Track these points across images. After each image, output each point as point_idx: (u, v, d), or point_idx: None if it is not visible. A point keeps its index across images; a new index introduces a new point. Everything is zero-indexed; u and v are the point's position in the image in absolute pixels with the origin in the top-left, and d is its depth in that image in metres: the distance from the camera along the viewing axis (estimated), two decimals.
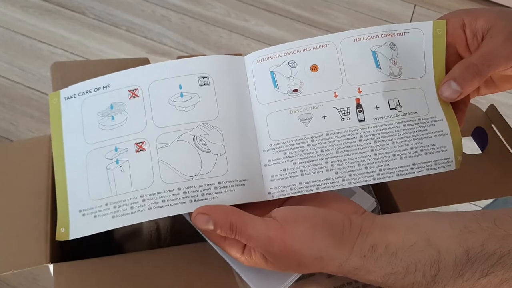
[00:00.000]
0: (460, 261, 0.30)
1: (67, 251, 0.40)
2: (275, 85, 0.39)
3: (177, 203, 0.35)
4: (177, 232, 0.46)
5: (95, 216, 0.35)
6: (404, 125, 0.37)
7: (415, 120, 0.38)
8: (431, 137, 0.37)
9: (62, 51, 1.23)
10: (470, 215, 0.32)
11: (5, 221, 0.39)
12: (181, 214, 0.38)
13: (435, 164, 0.37)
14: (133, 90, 0.38)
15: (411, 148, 0.37)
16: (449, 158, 0.37)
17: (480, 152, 0.50)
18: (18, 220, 0.39)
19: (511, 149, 0.49)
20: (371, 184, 0.48)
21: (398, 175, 0.37)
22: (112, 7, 1.35)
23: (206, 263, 0.37)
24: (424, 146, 0.37)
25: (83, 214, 0.36)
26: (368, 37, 0.39)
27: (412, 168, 0.37)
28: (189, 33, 1.33)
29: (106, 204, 0.35)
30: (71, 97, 0.39)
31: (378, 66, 0.39)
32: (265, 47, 0.40)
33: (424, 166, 0.37)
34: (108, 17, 1.32)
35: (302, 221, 0.33)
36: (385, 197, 0.46)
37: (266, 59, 0.39)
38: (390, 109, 0.38)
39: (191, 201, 0.35)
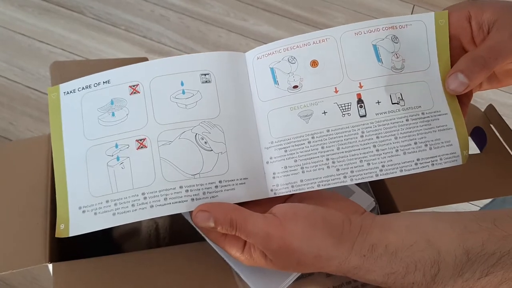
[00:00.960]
0: (460, 261, 0.30)
1: (66, 251, 0.40)
2: (275, 82, 0.39)
3: (179, 202, 0.35)
4: (176, 232, 0.46)
5: (95, 213, 0.35)
6: (407, 120, 0.37)
7: (418, 115, 0.37)
8: (435, 131, 0.37)
9: (61, 51, 1.23)
10: (470, 216, 0.32)
11: (4, 220, 0.39)
12: (181, 214, 0.38)
13: (440, 159, 0.37)
14: (133, 86, 0.37)
15: (415, 143, 0.36)
16: (455, 152, 0.37)
17: (478, 152, 0.50)
18: (17, 219, 0.39)
19: (510, 149, 0.49)
20: (370, 184, 0.48)
21: (402, 170, 0.36)
22: (111, 6, 1.35)
23: (205, 262, 0.37)
24: (428, 141, 0.37)
25: (83, 211, 0.35)
26: (369, 31, 0.39)
27: (416, 164, 0.36)
28: (188, 32, 1.33)
29: (107, 201, 0.35)
30: (70, 92, 0.38)
31: (379, 60, 0.38)
32: None
33: (428, 162, 0.36)
34: (107, 16, 1.32)
35: (301, 219, 0.33)
36: (384, 197, 0.46)
37: (266, 55, 0.39)
38: (392, 103, 0.37)
39: (192, 199, 0.35)
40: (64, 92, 0.39)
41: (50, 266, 0.36)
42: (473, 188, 0.46)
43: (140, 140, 0.36)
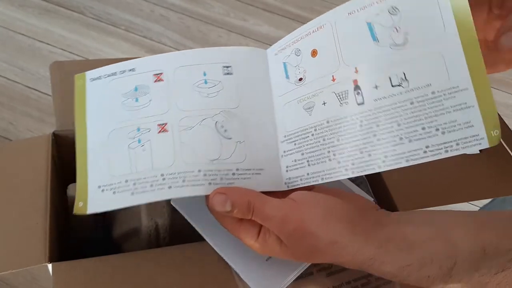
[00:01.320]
0: (477, 256, 0.30)
1: (66, 251, 0.40)
2: (287, 76, 0.39)
3: (197, 185, 0.35)
4: (176, 232, 0.46)
5: (114, 192, 0.35)
6: (412, 103, 0.32)
7: (427, 95, 0.32)
8: (450, 112, 0.31)
9: (61, 51, 1.23)
10: (483, 214, 0.32)
11: (4, 220, 0.39)
12: (181, 214, 0.38)
13: (457, 144, 0.31)
14: (158, 74, 0.39)
15: (423, 129, 0.32)
16: (478, 134, 0.30)
17: (478, 152, 0.50)
18: (17, 219, 0.39)
19: (510, 149, 0.49)
20: (369, 184, 0.48)
21: (408, 160, 0.32)
22: (111, 6, 1.35)
23: (205, 262, 0.38)
24: (440, 125, 0.31)
25: (102, 190, 0.36)
26: (363, 7, 0.35)
27: (425, 152, 0.31)
28: (188, 32, 1.33)
29: (126, 181, 0.35)
30: (96, 78, 0.39)
31: (375, 38, 0.34)
32: (264, 47, 0.40)
33: (441, 148, 0.31)
34: (107, 16, 1.32)
35: (320, 206, 0.33)
36: (384, 197, 0.46)
37: (280, 50, 0.40)
38: (393, 86, 0.33)
39: (210, 183, 0.35)
40: (91, 79, 0.40)
41: (50, 266, 0.36)
42: (473, 188, 0.46)
43: (162, 124, 0.37)
